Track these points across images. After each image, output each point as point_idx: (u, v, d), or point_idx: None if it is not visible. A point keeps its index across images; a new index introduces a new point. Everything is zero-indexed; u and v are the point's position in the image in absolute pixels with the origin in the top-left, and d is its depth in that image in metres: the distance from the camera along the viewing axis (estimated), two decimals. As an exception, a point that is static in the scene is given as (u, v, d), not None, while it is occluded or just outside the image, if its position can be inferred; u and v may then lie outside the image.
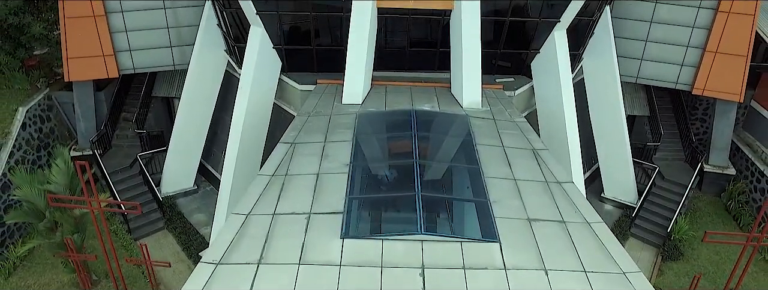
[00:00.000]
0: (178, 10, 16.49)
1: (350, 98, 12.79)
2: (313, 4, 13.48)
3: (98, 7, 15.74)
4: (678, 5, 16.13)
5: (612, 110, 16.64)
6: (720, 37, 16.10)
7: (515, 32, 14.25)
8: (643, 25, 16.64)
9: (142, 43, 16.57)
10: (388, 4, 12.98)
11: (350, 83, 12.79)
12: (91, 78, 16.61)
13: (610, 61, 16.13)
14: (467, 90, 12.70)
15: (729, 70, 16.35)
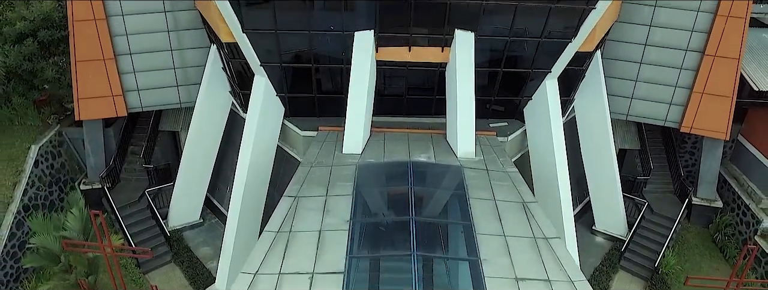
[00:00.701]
0: (184, 52, 17.27)
1: (350, 148, 13.59)
2: (314, 54, 14.27)
3: (108, 50, 16.51)
4: (667, 48, 16.90)
5: (602, 147, 17.43)
6: (706, 79, 16.88)
7: (508, 80, 15.03)
8: (634, 65, 17.42)
9: (150, 83, 17.36)
10: (387, 57, 13.78)
11: (350, 134, 13.58)
12: (100, 117, 17.38)
13: (601, 102, 16.93)
14: (461, 141, 13.49)
15: (715, 110, 17.13)
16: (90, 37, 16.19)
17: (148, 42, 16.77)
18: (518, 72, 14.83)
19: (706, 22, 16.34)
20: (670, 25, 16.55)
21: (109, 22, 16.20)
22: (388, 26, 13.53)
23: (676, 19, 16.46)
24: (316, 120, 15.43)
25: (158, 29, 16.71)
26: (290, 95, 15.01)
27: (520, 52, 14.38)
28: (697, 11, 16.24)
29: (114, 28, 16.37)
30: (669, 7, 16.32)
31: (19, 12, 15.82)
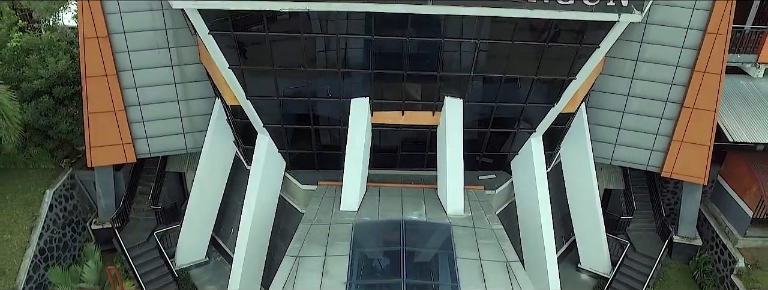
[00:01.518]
0: (190, 102, 18.36)
1: (347, 205, 14.75)
2: (313, 116, 15.43)
3: (118, 102, 17.62)
4: (648, 99, 18.02)
5: (586, 191, 18.60)
6: (685, 129, 17.99)
7: (496, 138, 16.18)
8: (617, 114, 18.51)
9: (158, 131, 18.47)
10: (381, 120, 14.93)
11: (348, 192, 14.74)
12: (111, 163, 18.58)
13: (585, 150, 18.10)
14: (451, 199, 14.65)
15: (694, 156, 18.26)
16: (101, 91, 17.30)
17: (156, 94, 17.86)
18: (505, 131, 15.99)
19: (684, 76, 17.43)
20: (651, 78, 17.64)
21: (119, 76, 17.32)
22: (383, 94, 14.69)
23: (656, 72, 17.54)
24: (316, 172, 16.63)
25: (166, 82, 17.81)
26: (291, 151, 16.18)
27: (506, 115, 15.52)
28: (675, 66, 17.32)
29: (124, 82, 17.48)
30: (650, 61, 17.40)
31: (36, 70, 16.96)
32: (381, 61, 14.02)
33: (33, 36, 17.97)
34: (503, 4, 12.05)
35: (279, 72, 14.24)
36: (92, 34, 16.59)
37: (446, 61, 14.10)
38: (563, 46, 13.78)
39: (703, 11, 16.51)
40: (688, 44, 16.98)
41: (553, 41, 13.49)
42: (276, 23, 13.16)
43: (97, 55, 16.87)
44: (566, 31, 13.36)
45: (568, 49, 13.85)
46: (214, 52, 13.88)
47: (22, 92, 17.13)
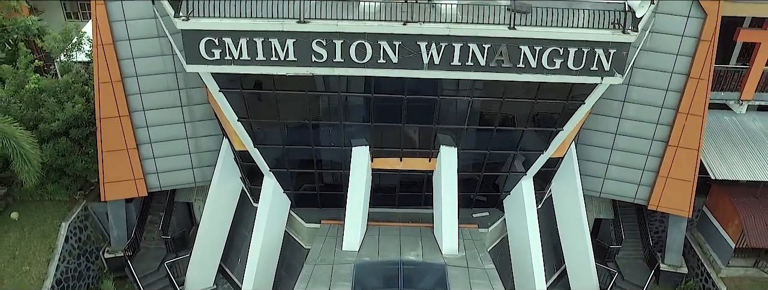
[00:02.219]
0: (199, 139, 19.43)
1: (349, 245, 15.84)
2: (317, 160, 16.48)
3: (131, 141, 18.69)
4: (635, 137, 19.06)
5: (576, 223, 19.63)
6: (670, 165, 19.03)
7: (489, 180, 17.25)
8: (605, 151, 19.54)
9: (167, 167, 19.53)
10: (381, 166, 16.00)
11: (349, 233, 15.82)
12: (123, 197, 19.67)
13: (574, 186, 19.13)
14: (446, 240, 15.73)
15: (678, 191, 19.32)
16: (115, 130, 18.36)
17: (166, 132, 18.90)
18: (497, 175, 17.06)
19: (669, 117, 18.45)
20: (637, 118, 18.66)
21: (131, 116, 18.36)
22: (382, 143, 15.77)
23: (643, 112, 18.56)
24: (320, 211, 17.72)
25: (175, 121, 18.84)
26: (296, 192, 17.27)
27: (498, 160, 16.58)
28: (661, 107, 18.35)
29: (136, 122, 18.53)
30: (636, 102, 18.44)
31: (54, 113, 18.01)
32: (380, 115, 15.10)
33: (50, 79, 19.00)
34: (494, 69, 13.12)
35: (285, 124, 15.30)
36: (106, 78, 17.64)
37: (441, 114, 15.17)
38: (551, 103, 14.84)
39: (686, 57, 17.57)
40: (672, 87, 18.01)
41: (541, 98, 14.56)
42: (283, 82, 14.21)
43: (111, 98, 17.93)
44: (553, 89, 14.41)
45: (555, 105, 14.91)
46: (224, 107, 14.94)
47: (40, 132, 18.19)
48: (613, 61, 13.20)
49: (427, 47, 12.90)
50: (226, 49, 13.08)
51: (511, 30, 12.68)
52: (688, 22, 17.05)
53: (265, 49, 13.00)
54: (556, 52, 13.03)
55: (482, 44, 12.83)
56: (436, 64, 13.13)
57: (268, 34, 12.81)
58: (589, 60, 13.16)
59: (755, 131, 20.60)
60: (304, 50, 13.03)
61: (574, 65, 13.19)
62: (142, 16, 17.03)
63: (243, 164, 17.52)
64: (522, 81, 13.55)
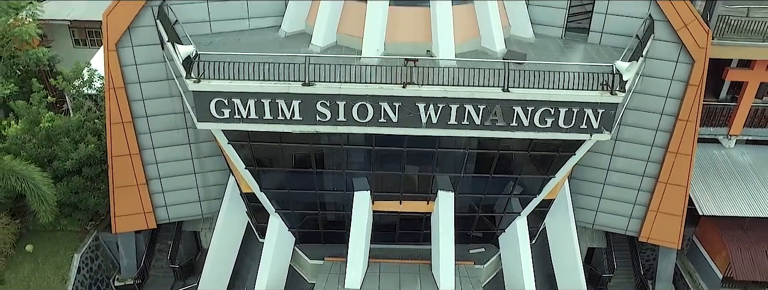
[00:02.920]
0: (206, 174, 20.25)
1: (351, 283, 16.70)
2: (320, 203, 17.35)
3: (141, 177, 19.51)
4: (626, 173, 19.89)
5: (569, 255, 20.44)
6: (660, 201, 19.85)
7: (484, 219, 18.09)
8: (598, 185, 20.35)
9: (175, 200, 20.36)
10: (381, 208, 16.86)
11: (351, 272, 16.68)
12: (133, 230, 20.54)
13: (568, 219, 19.96)
14: (443, 279, 16.58)
15: (668, 225, 20.14)
16: (126, 168, 19.19)
17: (174, 168, 19.72)
18: (492, 215, 17.93)
19: (659, 155, 19.23)
20: (628, 155, 19.44)
21: (142, 155, 19.21)
22: (383, 188, 16.63)
23: (633, 150, 19.34)
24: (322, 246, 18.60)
25: (183, 158, 19.66)
26: (300, 230, 18.14)
27: (494, 203, 17.42)
28: (651, 146, 19.16)
29: (145, 158, 19.35)
30: (627, 141, 19.24)
31: (68, 153, 18.87)
32: (381, 164, 15.95)
33: (63, 119, 19.82)
34: (488, 128, 13.94)
35: (290, 171, 16.17)
36: (118, 120, 18.45)
37: (439, 163, 16.00)
38: (542, 155, 15.69)
39: (675, 100, 18.34)
40: (662, 128, 18.79)
41: (533, 150, 15.39)
42: (289, 136, 15.04)
43: (122, 138, 18.75)
44: (545, 143, 15.24)
45: (546, 157, 15.76)
46: (233, 156, 15.78)
47: (54, 170, 19.04)
48: (601, 119, 14.02)
49: (425, 108, 13.73)
50: (235, 109, 13.92)
51: (504, 92, 13.51)
52: (677, 67, 17.81)
53: (272, 109, 13.83)
54: (547, 112, 13.85)
55: (477, 105, 13.65)
56: (434, 122, 13.97)
57: (275, 96, 13.65)
58: (579, 119, 13.99)
59: (743, 165, 21.43)
60: (309, 110, 13.86)
61: (564, 124, 14.02)
62: (151, 60, 17.83)
63: (249, 203, 18.37)
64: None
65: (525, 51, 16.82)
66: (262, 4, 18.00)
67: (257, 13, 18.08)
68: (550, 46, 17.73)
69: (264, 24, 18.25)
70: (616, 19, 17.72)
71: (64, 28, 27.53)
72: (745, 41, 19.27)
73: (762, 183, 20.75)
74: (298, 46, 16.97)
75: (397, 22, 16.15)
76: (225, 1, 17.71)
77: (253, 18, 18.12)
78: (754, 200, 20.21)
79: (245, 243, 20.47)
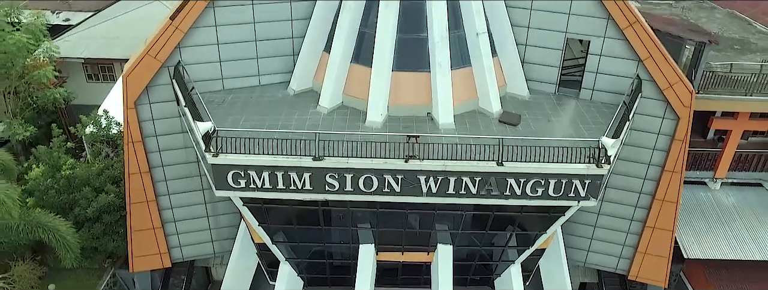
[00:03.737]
0: (218, 217, 21.57)
1: (356, 329, 18.12)
2: (328, 253, 18.68)
3: (157, 221, 20.78)
4: (616, 217, 21.20)
5: (561, 292, 21.94)
6: (648, 243, 21.18)
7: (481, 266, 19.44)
8: (589, 228, 21.63)
9: (189, 241, 21.64)
10: (385, 258, 18.20)
11: (358, 315, 18.09)
12: (150, 269, 21.91)
13: (560, 259, 21.25)
14: (442, 324, 18.02)
15: (655, 265, 21.45)
16: (143, 213, 20.47)
17: (188, 212, 21.04)
18: (488, 263, 19.27)
19: (646, 201, 20.48)
20: (618, 201, 20.67)
21: (157, 200, 20.51)
22: (386, 242, 17.95)
23: (622, 196, 20.63)
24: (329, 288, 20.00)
25: (196, 202, 20.94)
26: (309, 275, 19.51)
27: (490, 253, 18.76)
28: (639, 193, 20.43)
29: (161, 204, 20.62)
30: (616, 188, 20.53)
31: (89, 201, 20.20)
32: (384, 222, 17.24)
33: (83, 167, 21.11)
34: (484, 196, 15.25)
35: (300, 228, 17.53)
36: (136, 170, 19.70)
37: (438, 222, 17.31)
38: (534, 215, 17.04)
39: (661, 152, 19.60)
40: (649, 177, 20.02)
41: (525, 212, 16.71)
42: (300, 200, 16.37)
43: (140, 187, 20.02)
44: (536, 207, 16.55)
45: (538, 217, 17.12)
46: (247, 215, 17.08)
47: (75, 216, 20.37)
48: (588, 188, 15.30)
49: (425, 179, 15.00)
50: (250, 180, 15.19)
51: (499, 166, 14.80)
52: (663, 123, 19.01)
53: (285, 180, 15.11)
54: (538, 183, 15.13)
55: (474, 177, 14.95)
56: (434, 192, 15.23)
57: (288, 169, 14.92)
58: (567, 188, 15.26)
59: (728, 207, 22.73)
60: (319, 181, 15.14)
61: (554, 193, 15.29)
62: (167, 115, 19.05)
63: (260, 252, 19.72)
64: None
65: (519, 112, 18.15)
66: (272, 61, 19.28)
67: (267, 71, 19.35)
68: (544, 103, 19.00)
69: (274, 80, 19.53)
70: (606, 77, 18.98)
71: (77, 65, 28.81)
72: (729, 95, 20.57)
73: (744, 225, 22.07)
74: (307, 105, 18.24)
75: (400, 87, 17.43)
76: (237, 61, 19.01)
77: (263, 75, 19.39)
78: (736, 242, 21.54)
79: (256, 284, 21.86)
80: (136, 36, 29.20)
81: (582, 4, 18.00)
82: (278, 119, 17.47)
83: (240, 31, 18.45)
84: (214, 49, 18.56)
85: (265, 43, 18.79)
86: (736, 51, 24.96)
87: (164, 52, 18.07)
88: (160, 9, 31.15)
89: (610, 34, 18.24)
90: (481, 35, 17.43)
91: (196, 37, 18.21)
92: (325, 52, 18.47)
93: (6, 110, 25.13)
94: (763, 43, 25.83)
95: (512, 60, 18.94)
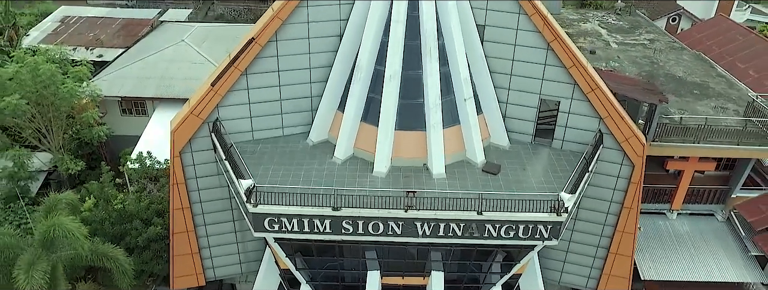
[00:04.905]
0: (246, 243, 25.88)
1: (364, 340, 22.46)
2: (341, 276, 23.05)
3: (194, 247, 25.10)
4: (584, 245, 25.44)
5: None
6: (611, 266, 25.22)
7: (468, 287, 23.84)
8: (562, 252, 25.87)
9: (221, 264, 25.88)
10: (388, 281, 22.59)
11: (364, 330, 22.43)
12: (187, 287, 26.29)
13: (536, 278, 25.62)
14: (434, 336, 22.34)
15: (618, 284, 25.39)
16: (183, 241, 24.69)
17: (220, 240, 25.31)
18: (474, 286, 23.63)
19: (609, 232, 24.60)
20: (586, 231, 24.82)
21: (196, 230, 24.80)
22: (389, 269, 22.35)
23: (589, 228, 24.75)
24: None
25: (228, 231, 25.22)
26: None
27: (474, 278, 23.12)
28: (603, 225, 24.69)
29: (198, 233, 24.89)
30: (584, 220, 24.80)
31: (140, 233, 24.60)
32: (388, 254, 21.57)
33: (133, 203, 25.46)
34: (467, 237, 19.57)
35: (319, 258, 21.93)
36: (179, 206, 23.97)
37: (432, 253, 21.63)
38: (509, 248, 21.42)
39: (620, 192, 23.87)
40: (611, 211, 24.28)
41: (502, 247, 21.06)
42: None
43: (182, 219, 24.29)
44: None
45: (512, 251, 21.51)
46: (277, 249, 21.41)
47: (126, 244, 24.71)
48: (550, 231, 19.52)
49: (421, 225, 19.25)
50: (282, 224, 19.47)
51: (479, 215, 19.10)
52: (622, 169, 23.19)
53: (309, 225, 19.36)
54: (510, 228, 19.36)
55: (459, 223, 19.24)
56: (427, 234, 19.51)
57: (312, 217, 19.16)
58: (534, 231, 19.49)
59: (682, 235, 27.00)
60: (336, 226, 19.39)
61: (522, 235, 19.53)
62: (206, 161, 23.23)
63: (284, 275, 24.08)
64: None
65: (500, 160, 22.43)
66: (294, 116, 23.50)
67: (289, 124, 23.58)
68: (521, 152, 23.24)
69: (295, 131, 23.76)
70: (573, 130, 23.17)
71: (114, 102, 33.07)
72: (680, 142, 24.83)
73: (695, 250, 26.37)
74: (324, 155, 22.48)
75: (400, 143, 21.67)
76: (264, 117, 23.27)
77: (287, 127, 23.66)
78: (687, 265, 25.85)
79: None
80: (164, 76, 33.71)
81: (552, 72, 22.20)
82: (301, 168, 21.76)
83: (267, 92, 22.68)
84: (246, 107, 22.79)
85: (288, 102, 23.01)
86: (694, 96, 29.21)
87: (205, 112, 22.30)
88: (186, 50, 35.51)
89: (576, 97, 22.48)
90: (468, 100, 21.65)
91: (231, 99, 22.43)
92: (338, 111, 22.71)
93: (57, 145, 29.43)
94: (719, 88, 30.07)
95: (495, 116, 23.17)
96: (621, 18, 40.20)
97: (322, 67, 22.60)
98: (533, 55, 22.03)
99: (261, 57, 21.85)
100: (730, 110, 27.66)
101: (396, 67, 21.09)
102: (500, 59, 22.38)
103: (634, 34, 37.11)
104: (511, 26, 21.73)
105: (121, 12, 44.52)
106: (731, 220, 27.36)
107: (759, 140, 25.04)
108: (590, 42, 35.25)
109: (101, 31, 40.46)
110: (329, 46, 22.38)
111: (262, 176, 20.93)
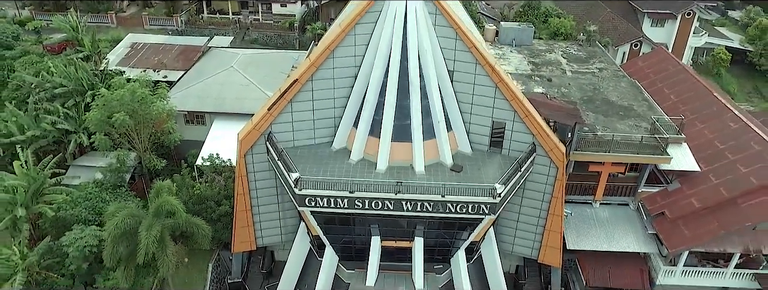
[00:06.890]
0: (286, 219, 38.09)
1: (369, 281, 34.70)
2: (353, 240, 35.49)
3: (250, 221, 37.39)
4: (528, 224, 37.50)
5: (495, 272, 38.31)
6: (547, 239, 37.27)
7: (441, 249, 36.16)
8: (512, 229, 37.95)
9: (267, 234, 37.95)
10: (386, 245, 35.05)
11: (369, 276, 34.65)
12: (243, 250, 38.75)
13: (492, 250, 37.72)
14: (417, 281, 34.33)
15: (553, 253, 37.14)
16: (243, 217, 36.75)
17: (268, 216, 37.63)
18: (445, 248, 35.97)
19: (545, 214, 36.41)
20: (528, 214, 36.70)
21: (251, 209, 37.12)
22: (386, 236, 34.78)
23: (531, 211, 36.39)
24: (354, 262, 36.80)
25: (273, 211, 37.45)
26: (342, 254, 36.35)
27: (446, 242, 35.52)
28: (539, 209, 36.67)
29: (253, 211, 37.14)
30: (527, 206, 36.82)
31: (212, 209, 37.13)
32: (385, 224, 34.07)
33: (208, 189, 37.99)
34: (436, 212, 31.98)
35: (340, 226, 34.46)
36: (241, 191, 35.89)
37: (416, 224, 34.02)
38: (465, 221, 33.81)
39: (550, 186, 35.84)
40: (544, 200, 36.14)
41: (460, 220, 33.45)
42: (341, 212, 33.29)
43: (242, 201, 36.38)
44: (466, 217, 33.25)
45: (468, 222, 33.86)
46: (311, 220, 33.88)
47: (202, 218, 37.19)
48: (489, 209, 31.75)
49: (405, 203, 31.54)
50: (317, 202, 31.85)
51: (442, 197, 31.42)
52: (550, 169, 35.04)
53: (334, 202, 31.54)
54: (463, 206, 31.49)
55: (430, 203, 31.61)
56: (410, 209, 31.85)
57: (336, 197, 31.47)
58: (479, 209, 31.60)
59: (602, 219, 38.87)
60: (351, 203, 31.50)
61: (471, 211, 31.71)
62: (261, 161, 35.50)
63: (314, 240, 36.55)
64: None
65: (463, 163, 34.71)
66: (322, 130, 35.72)
67: (319, 135, 35.78)
68: (479, 157, 35.40)
69: (323, 140, 35.97)
70: (516, 142, 34.95)
71: (181, 115, 45.63)
72: (595, 152, 36.93)
73: (612, 230, 38.28)
74: (343, 158, 34.73)
75: (395, 150, 33.88)
76: (302, 130, 35.75)
77: (317, 138, 36.08)
78: (604, 240, 37.87)
79: (307, 259, 38.72)
80: (218, 96, 46.37)
81: (500, 103, 34.11)
82: (328, 166, 33.99)
83: (305, 114, 34.83)
84: (290, 124, 35.07)
85: (319, 121, 35.35)
86: (619, 116, 41.15)
87: (263, 126, 34.66)
88: (234, 74, 48.20)
89: (516, 119, 34.45)
90: (440, 122, 33.80)
91: (280, 117, 34.74)
92: (353, 127, 35.03)
93: (143, 147, 42.14)
94: (641, 110, 41.96)
95: (461, 132, 35.23)
96: (582, 48, 52.17)
97: (342, 97, 34.78)
98: (486, 91, 34.08)
99: (301, 91, 34.31)
100: (642, 128, 39.65)
101: (392, 99, 33.36)
102: (465, 94, 34.47)
103: (588, 64, 49.05)
104: (470, 72, 33.92)
105: (178, 39, 57.37)
106: (639, 209, 39.41)
107: (653, 150, 37.12)
108: (550, 71, 47.32)
109: (163, 56, 53.20)
110: (347, 82, 34.54)
111: (303, 171, 33.22)
